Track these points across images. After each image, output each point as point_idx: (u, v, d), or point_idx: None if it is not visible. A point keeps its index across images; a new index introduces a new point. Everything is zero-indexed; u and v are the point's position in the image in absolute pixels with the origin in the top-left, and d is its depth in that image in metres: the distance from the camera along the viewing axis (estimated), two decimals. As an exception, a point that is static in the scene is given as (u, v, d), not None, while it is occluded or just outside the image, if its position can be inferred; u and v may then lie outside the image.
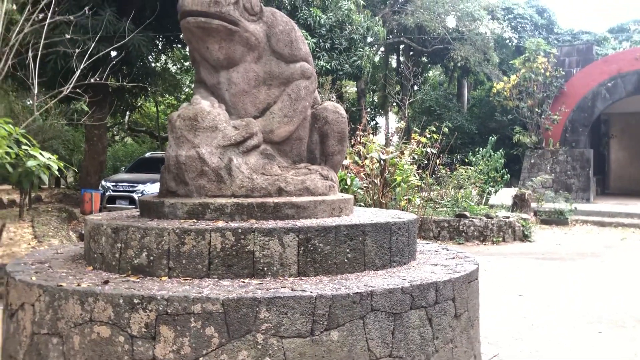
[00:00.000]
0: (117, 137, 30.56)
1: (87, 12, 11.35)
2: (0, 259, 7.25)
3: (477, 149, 16.35)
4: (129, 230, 3.48)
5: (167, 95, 25.68)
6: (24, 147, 7.35)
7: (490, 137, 16.07)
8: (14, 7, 9.39)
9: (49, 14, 9.10)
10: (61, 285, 3.13)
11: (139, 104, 21.64)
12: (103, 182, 14.39)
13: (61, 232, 9.87)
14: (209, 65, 4.24)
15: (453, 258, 4.33)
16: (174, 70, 26.51)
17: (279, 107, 4.25)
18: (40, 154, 7.30)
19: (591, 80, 20.13)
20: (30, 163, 7.04)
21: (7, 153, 7.13)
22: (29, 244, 8.56)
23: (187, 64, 27.59)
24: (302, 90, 4.32)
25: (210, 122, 3.90)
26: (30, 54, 9.19)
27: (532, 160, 20.50)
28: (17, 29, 8.54)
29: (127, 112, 22.34)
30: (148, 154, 18.42)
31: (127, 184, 13.96)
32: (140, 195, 13.38)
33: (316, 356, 2.95)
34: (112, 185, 13.93)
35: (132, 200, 13.27)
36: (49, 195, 17.93)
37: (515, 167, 21.40)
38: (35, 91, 9.03)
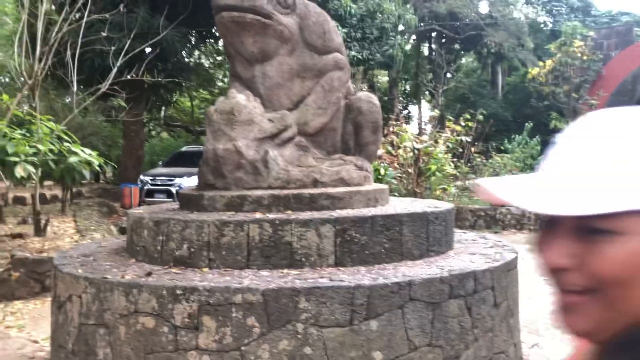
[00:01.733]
0: (153, 132, 31.06)
1: (122, 9, 11.57)
2: (46, 253, 7.48)
3: (512, 136, 16.10)
4: (170, 223, 3.56)
5: (201, 90, 25.94)
6: (65, 143, 7.59)
7: (526, 124, 15.80)
8: (52, 7, 9.63)
9: (86, 13, 9.32)
10: (106, 278, 3.23)
11: (174, 99, 21.96)
12: (141, 177, 14.68)
13: (102, 226, 10.12)
14: (243, 60, 4.29)
15: (491, 247, 4.29)
16: (207, 65, 26.75)
17: (313, 99, 4.27)
18: (81, 150, 7.53)
19: (631, 62, 19.52)
20: (72, 159, 7.27)
21: (50, 150, 7.37)
22: (72, 238, 8.81)
23: (219, 58, 27.83)
24: (336, 81, 4.34)
25: (246, 116, 3.95)
26: (69, 52, 9.43)
27: (570, 147, 20.03)
28: (57, 29, 8.75)
29: (163, 108, 22.67)
30: (184, 148, 18.70)
31: (164, 178, 14.21)
32: (177, 188, 13.60)
33: (355, 345, 2.98)
34: (150, 180, 14.20)
35: (169, 194, 13.50)
36: (89, 190, 18.39)
37: (553, 154, 20.93)
38: (75, 89, 9.27)
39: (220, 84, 27.64)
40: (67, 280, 3.43)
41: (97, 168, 7.62)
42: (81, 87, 13.54)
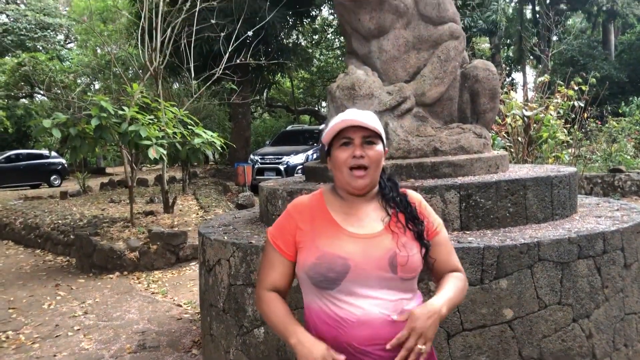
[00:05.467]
0: (255, 114, 32.20)
1: (227, -4, 12.09)
2: (177, 227, 8.17)
3: (630, 99, 15.13)
4: (303, 193, 3.84)
5: (300, 70, 26.52)
6: (189, 127, 8.18)
7: (646, 85, 14.76)
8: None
9: (198, 2, 9.87)
10: (251, 242, 3.57)
11: (276, 79, 22.61)
12: (251, 156, 15.40)
13: (222, 203, 10.81)
14: (360, 36, 4.47)
15: (617, 210, 4.23)
16: (304, 44, 27.24)
17: (429, 69, 4.38)
18: (204, 132, 8.08)
19: None
20: (197, 141, 7.83)
21: (175, 133, 7.98)
22: (197, 214, 9.52)
23: (316, 37, 28.22)
24: (452, 50, 4.41)
25: (366, 90, 4.14)
26: (184, 41, 10.07)
27: (697, 107, 18.48)
28: (176, 22, 9.35)
29: (266, 89, 23.45)
30: (289, 128, 19.31)
31: (272, 157, 14.82)
32: (285, 166, 14.18)
33: (486, 303, 3.11)
34: (260, 159, 14.86)
35: (278, 171, 14.09)
36: (202, 171, 19.55)
37: (677, 115, 19.43)
38: (193, 75, 9.89)
39: (317, 62, 28.08)
40: (215, 246, 3.82)
41: (220, 149, 8.14)
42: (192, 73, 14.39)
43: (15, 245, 10.08)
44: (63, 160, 22.65)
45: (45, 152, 22.35)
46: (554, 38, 26.75)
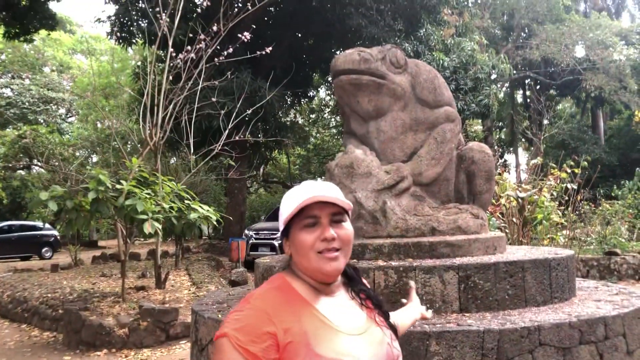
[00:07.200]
0: (251, 189, 32.35)
1: (229, 76, 12.48)
2: (168, 304, 8.00)
3: (622, 182, 15.36)
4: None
5: (296, 147, 26.95)
6: (186, 201, 8.18)
7: (637, 169, 15.03)
8: (170, 78, 10.55)
9: (200, 82, 10.15)
10: (247, 321, 3.49)
11: (273, 156, 22.92)
12: (246, 231, 15.32)
13: (214, 279, 10.65)
14: (358, 117, 4.59)
15: (617, 294, 4.19)
16: (301, 122, 27.82)
17: (426, 150, 4.46)
18: (200, 206, 8.08)
19: None
20: (192, 216, 7.80)
21: (171, 207, 7.97)
22: (189, 290, 9.35)
23: (313, 116, 28.89)
24: (448, 133, 4.52)
25: (364, 169, 4.20)
26: (185, 118, 10.27)
27: (687, 191, 18.71)
28: (178, 100, 9.59)
29: (263, 165, 23.69)
30: (284, 203, 19.27)
31: (267, 232, 14.74)
32: (279, 242, 14.07)
33: (488, 389, 3.02)
34: (254, 234, 14.78)
35: (272, 247, 13.98)
36: (196, 245, 19.38)
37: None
38: (192, 151, 10.03)
39: (313, 139, 28.60)
40: (209, 325, 3.73)
41: (215, 223, 8.12)
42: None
43: (0, 320, 9.81)
44: (56, 232, 22.45)
45: (38, 223, 22.18)
46: (545, 122, 27.47)
